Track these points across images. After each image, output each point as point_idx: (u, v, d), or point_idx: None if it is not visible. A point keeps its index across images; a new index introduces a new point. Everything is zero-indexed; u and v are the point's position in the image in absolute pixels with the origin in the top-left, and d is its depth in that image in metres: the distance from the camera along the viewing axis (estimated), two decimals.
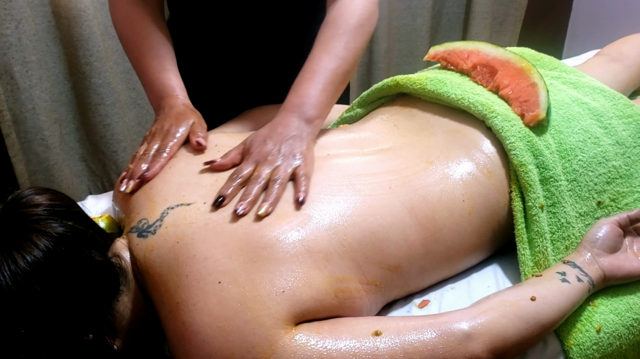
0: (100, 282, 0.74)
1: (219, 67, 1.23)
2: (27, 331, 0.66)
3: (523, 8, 2.51)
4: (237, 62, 1.20)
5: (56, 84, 1.79)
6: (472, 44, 1.09)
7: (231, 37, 1.17)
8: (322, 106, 0.92)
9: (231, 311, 0.71)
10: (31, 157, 1.79)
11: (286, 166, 0.85)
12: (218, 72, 1.23)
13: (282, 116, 0.91)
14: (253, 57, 1.19)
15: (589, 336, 0.85)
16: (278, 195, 0.81)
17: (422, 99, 1.06)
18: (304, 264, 0.75)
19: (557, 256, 0.91)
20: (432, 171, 0.91)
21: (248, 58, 1.19)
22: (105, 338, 0.74)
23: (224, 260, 0.74)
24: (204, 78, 1.22)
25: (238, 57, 1.19)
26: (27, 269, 0.66)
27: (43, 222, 0.71)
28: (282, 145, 0.87)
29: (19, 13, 1.62)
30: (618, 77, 1.25)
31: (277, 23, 1.15)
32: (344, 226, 0.80)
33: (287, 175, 0.84)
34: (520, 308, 0.78)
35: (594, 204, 0.95)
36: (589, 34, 2.65)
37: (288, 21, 1.16)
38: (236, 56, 1.19)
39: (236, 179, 0.83)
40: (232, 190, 0.82)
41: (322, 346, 0.71)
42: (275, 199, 0.81)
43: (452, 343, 0.73)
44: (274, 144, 0.87)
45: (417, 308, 0.88)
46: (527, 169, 0.91)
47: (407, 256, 0.85)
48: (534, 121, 0.94)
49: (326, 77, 0.93)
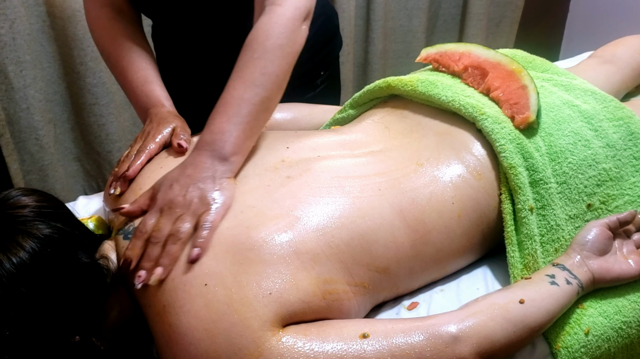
0: (86, 284, 0.74)
1: (200, 72, 1.24)
2: (12, 333, 0.65)
3: (519, 9, 2.51)
4: (217, 66, 1.20)
5: (51, 84, 1.79)
6: (463, 46, 1.09)
7: (209, 41, 1.18)
8: (239, 141, 0.84)
9: (218, 314, 0.71)
10: (25, 157, 1.79)
11: (191, 214, 0.78)
12: (199, 77, 1.23)
13: (194, 156, 0.84)
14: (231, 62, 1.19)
15: (577, 339, 0.85)
16: (174, 256, 0.75)
17: (414, 101, 1.06)
18: (291, 266, 0.75)
19: (547, 259, 0.91)
20: (422, 173, 0.91)
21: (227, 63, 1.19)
22: (92, 340, 0.74)
23: (210, 262, 0.74)
24: (186, 83, 1.23)
25: (217, 61, 1.19)
26: (12, 271, 0.66)
27: (30, 223, 0.71)
28: (189, 189, 0.80)
29: (13, 13, 1.61)
30: (611, 79, 1.25)
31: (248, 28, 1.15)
32: (332, 227, 0.80)
33: (190, 228, 0.77)
34: (508, 310, 0.78)
35: (584, 207, 0.95)
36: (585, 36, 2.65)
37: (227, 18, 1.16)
38: (215, 60, 1.19)
39: (140, 237, 0.77)
40: (138, 251, 0.76)
41: (309, 348, 0.71)
42: (170, 261, 0.75)
43: (440, 345, 0.73)
44: (180, 188, 0.80)
45: (406, 310, 0.88)
46: (516, 172, 0.91)
47: (396, 258, 0.84)
48: (524, 123, 0.94)
49: (242, 109, 0.84)
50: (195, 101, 1.19)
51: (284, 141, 0.96)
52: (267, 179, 0.86)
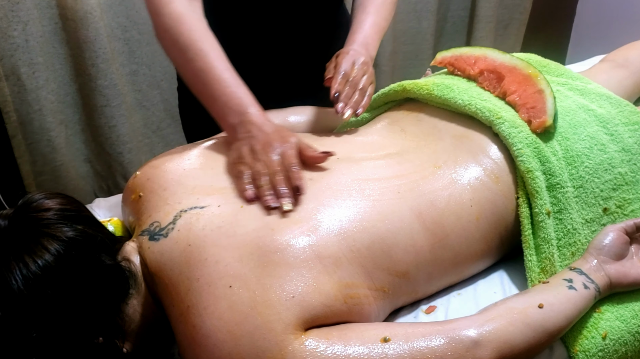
0: (110, 285, 0.75)
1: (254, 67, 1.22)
2: (39, 335, 0.66)
3: (527, 12, 2.51)
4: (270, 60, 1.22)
5: (62, 86, 1.80)
6: (479, 50, 1.10)
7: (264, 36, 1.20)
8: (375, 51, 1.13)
9: (241, 316, 0.71)
10: (37, 158, 1.79)
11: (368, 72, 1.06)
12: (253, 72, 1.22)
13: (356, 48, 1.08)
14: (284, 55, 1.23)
15: (595, 343, 0.85)
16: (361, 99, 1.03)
17: (429, 104, 1.07)
18: (313, 270, 0.76)
19: (564, 263, 0.91)
20: (440, 176, 0.91)
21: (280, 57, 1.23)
22: (114, 341, 0.74)
23: (235, 264, 0.75)
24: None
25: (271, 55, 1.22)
26: (38, 273, 0.67)
27: (54, 226, 0.71)
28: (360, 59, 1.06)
29: (26, 15, 1.62)
30: (624, 83, 1.25)
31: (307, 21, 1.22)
32: (353, 231, 0.81)
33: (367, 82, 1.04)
34: (527, 315, 0.78)
35: (600, 211, 0.95)
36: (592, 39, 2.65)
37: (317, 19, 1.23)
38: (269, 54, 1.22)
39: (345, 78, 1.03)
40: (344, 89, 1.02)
41: (331, 351, 0.71)
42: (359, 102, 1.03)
43: (460, 350, 0.73)
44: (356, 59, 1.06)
45: (424, 314, 0.89)
46: (534, 176, 0.91)
47: (415, 263, 0.85)
48: (541, 127, 0.95)
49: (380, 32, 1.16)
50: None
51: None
52: None
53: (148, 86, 1.94)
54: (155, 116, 2.01)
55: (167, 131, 2.06)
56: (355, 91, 1.02)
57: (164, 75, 1.96)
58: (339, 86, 1.01)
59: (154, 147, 2.05)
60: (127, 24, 1.82)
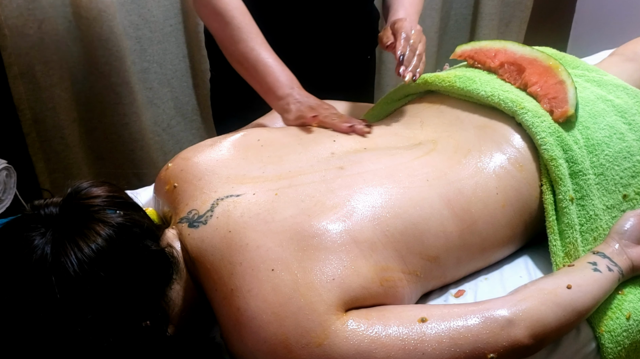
0: (155, 270, 0.77)
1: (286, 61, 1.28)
2: (94, 317, 0.68)
3: (528, 9, 2.55)
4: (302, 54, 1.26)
5: (75, 84, 1.81)
6: (498, 43, 1.12)
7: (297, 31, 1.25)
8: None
9: (285, 297, 0.73)
10: (51, 155, 1.81)
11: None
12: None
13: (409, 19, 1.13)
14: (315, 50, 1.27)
15: (619, 324, 0.88)
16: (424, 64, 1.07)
17: (450, 96, 1.10)
18: (351, 253, 0.78)
19: (586, 247, 0.94)
20: (466, 165, 0.94)
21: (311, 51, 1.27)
22: (160, 325, 0.76)
23: (276, 248, 0.77)
24: None
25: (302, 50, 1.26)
26: (92, 256, 0.69)
27: (103, 212, 0.73)
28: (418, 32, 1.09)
29: (41, 13, 1.64)
30: (634, 77, 1.28)
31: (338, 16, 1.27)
32: (387, 217, 0.83)
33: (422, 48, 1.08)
34: (557, 295, 0.81)
35: (620, 197, 0.98)
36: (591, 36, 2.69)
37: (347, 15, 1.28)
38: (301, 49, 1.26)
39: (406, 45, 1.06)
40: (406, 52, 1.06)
41: (372, 331, 0.74)
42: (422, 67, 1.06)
43: (495, 328, 0.76)
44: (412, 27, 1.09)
45: (453, 298, 0.91)
46: (557, 163, 0.94)
47: (445, 247, 0.88)
48: (563, 117, 0.98)
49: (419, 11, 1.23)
50: None
51: (330, 135, 0.99)
52: (321, 170, 0.89)
53: (159, 84, 1.96)
54: (166, 114, 2.02)
55: (177, 128, 2.08)
56: (414, 55, 1.06)
57: (175, 73, 1.98)
58: (403, 49, 1.05)
59: (164, 144, 2.07)
60: (139, 22, 1.84)
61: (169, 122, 2.04)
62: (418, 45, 1.07)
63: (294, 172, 0.89)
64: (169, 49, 1.93)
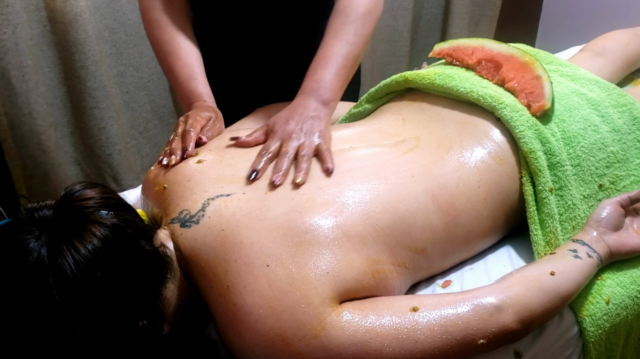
0: (150, 269, 0.77)
1: (235, 66, 1.28)
2: (92, 317, 0.69)
3: (497, 8, 2.60)
4: (251, 60, 1.25)
5: (51, 89, 1.80)
6: (475, 41, 1.16)
7: (245, 37, 1.22)
8: (336, 89, 1.00)
9: (281, 292, 0.75)
10: (27, 162, 1.79)
11: (309, 142, 0.93)
12: (234, 71, 1.27)
13: (301, 99, 0.99)
14: (266, 55, 1.24)
15: (599, 308, 0.92)
16: (308, 167, 0.89)
17: (431, 94, 1.12)
18: (343, 248, 0.80)
19: (566, 236, 0.98)
20: (449, 160, 0.97)
21: (261, 56, 1.24)
22: (156, 324, 0.77)
23: (270, 245, 0.78)
24: (222, 76, 1.26)
25: (252, 55, 1.24)
26: (89, 257, 0.69)
27: (97, 213, 0.74)
28: (303, 124, 0.94)
29: (15, 18, 1.62)
30: (603, 71, 1.33)
31: (288, 20, 1.21)
32: (376, 211, 0.86)
33: (312, 150, 0.92)
34: (542, 282, 0.84)
35: (596, 187, 1.02)
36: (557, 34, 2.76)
37: (298, 18, 1.22)
38: (250, 55, 1.25)
39: (265, 155, 0.91)
40: (263, 165, 0.90)
41: (366, 322, 0.76)
42: (306, 170, 0.89)
43: (485, 315, 0.79)
44: (296, 123, 0.95)
45: (440, 288, 0.94)
46: (536, 156, 0.97)
47: (432, 240, 0.90)
48: (540, 110, 1.01)
49: (339, 62, 1.01)
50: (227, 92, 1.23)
51: None
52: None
53: (135, 88, 1.95)
54: (143, 117, 2.02)
55: (154, 131, 2.07)
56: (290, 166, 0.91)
57: (151, 76, 1.97)
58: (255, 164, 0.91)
59: (141, 148, 2.06)
60: (114, 26, 1.83)
61: (145, 125, 2.04)
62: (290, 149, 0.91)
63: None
64: (145, 52, 1.92)
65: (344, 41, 1.02)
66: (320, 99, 0.99)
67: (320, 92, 0.99)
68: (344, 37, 1.02)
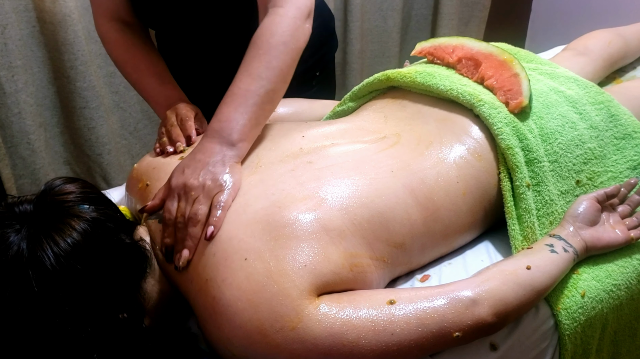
0: (130, 263, 0.79)
1: (204, 78, 1.30)
2: (72, 310, 0.70)
3: (487, 9, 2.62)
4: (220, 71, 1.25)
5: (41, 89, 1.81)
6: (456, 39, 1.17)
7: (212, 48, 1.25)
8: (245, 129, 0.91)
9: (259, 285, 0.76)
10: (17, 161, 1.80)
11: (205, 196, 0.84)
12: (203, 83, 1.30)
13: (203, 143, 0.91)
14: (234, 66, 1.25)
15: (575, 301, 0.93)
16: (196, 237, 0.82)
17: (412, 91, 1.14)
18: (321, 241, 0.82)
19: (543, 231, 0.99)
20: (428, 156, 0.98)
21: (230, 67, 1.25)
22: (137, 317, 0.78)
23: (248, 239, 0.80)
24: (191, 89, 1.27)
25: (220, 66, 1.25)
26: (68, 250, 0.70)
27: (77, 207, 0.75)
28: (200, 172, 0.86)
29: (4, 19, 1.63)
30: (585, 70, 1.35)
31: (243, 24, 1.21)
32: (354, 206, 0.87)
33: (205, 210, 0.83)
34: (518, 275, 0.86)
35: (573, 183, 1.04)
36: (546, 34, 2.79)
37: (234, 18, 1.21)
38: (218, 65, 1.26)
39: (170, 224, 0.85)
40: (170, 237, 0.85)
41: (343, 314, 0.77)
42: (193, 242, 0.82)
43: (460, 308, 0.80)
44: (192, 172, 0.87)
45: (419, 282, 0.95)
46: (513, 152, 0.99)
47: (410, 234, 0.92)
48: (518, 107, 1.03)
49: (248, 100, 0.91)
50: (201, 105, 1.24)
51: (299, 131, 1.03)
52: (290, 164, 0.92)
53: (125, 88, 1.97)
54: (132, 117, 2.03)
55: (143, 131, 2.08)
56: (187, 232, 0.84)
57: None
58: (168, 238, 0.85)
59: (131, 148, 2.07)
60: None
61: (135, 125, 2.05)
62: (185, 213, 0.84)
63: (264, 167, 0.92)
64: None
65: (255, 75, 0.92)
66: (225, 140, 0.89)
67: (224, 134, 0.90)
68: (254, 71, 0.93)
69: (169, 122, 1.06)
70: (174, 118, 1.06)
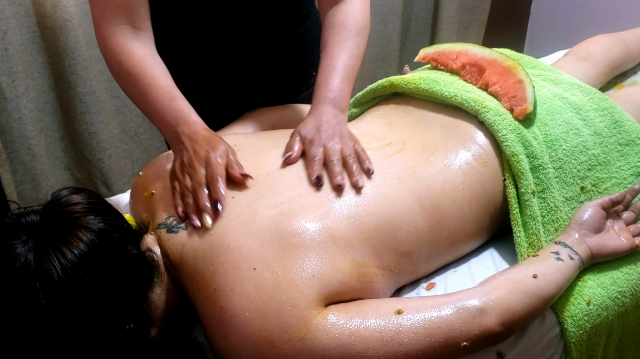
0: (137, 274, 0.78)
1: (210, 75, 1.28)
2: (79, 321, 0.70)
3: (486, 13, 2.63)
4: (227, 68, 1.25)
5: (41, 94, 1.80)
6: (459, 45, 1.17)
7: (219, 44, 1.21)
8: (347, 97, 1.05)
9: (267, 295, 0.76)
10: (18, 167, 1.79)
11: (346, 145, 0.96)
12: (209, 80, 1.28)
13: (321, 108, 1.01)
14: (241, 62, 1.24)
15: (580, 309, 0.93)
16: (358, 168, 0.93)
17: (416, 98, 1.14)
18: (329, 251, 0.82)
19: (548, 238, 0.99)
20: (434, 162, 0.98)
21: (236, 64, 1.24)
22: (143, 327, 0.78)
23: (257, 248, 0.80)
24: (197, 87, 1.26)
25: (227, 63, 1.24)
26: (75, 262, 0.70)
27: (84, 218, 0.75)
28: (335, 130, 0.98)
29: (5, 24, 1.63)
30: (587, 75, 1.35)
31: (262, 27, 1.21)
32: (362, 215, 0.87)
33: (353, 152, 0.95)
34: (524, 284, 0.86)
35: (578, 189, 1.04)
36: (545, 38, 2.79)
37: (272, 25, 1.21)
38: (225, 63, 1.24)
39: (317, 162, 0.93)
40: (320, 170, 0.92)
41: (351, 324, 0.77)
42: (358, 171, 0.92)
43: (468, 318, 0.80)
44: (326, 130, 0.97)
45: (425, 291, 0.95)
46: (518, 159, 0.99)
47: (417, 243, 0.92)
48: (523, 114, 1.03)
49: (347, 73, 1.05)
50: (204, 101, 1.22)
51: None
52: (298, 172, 0.92)
53: None
54: (133, 122, 2.03)
55: (144, 136, 2.08)
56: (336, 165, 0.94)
57: None
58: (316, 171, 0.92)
59: (132, 152, 2.07)
60: None
61: (136, 130, 2.04)
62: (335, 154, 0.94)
63: (271, 175, 0.92)
64: None
65: (349, 53, 1.06)
66: (338, 107, 1.01)
67: (336, 101, 1.02)
68: (348, 49, 1.06)
69: (196, 176, 0.89)
70: (202, 173, 0.90)
